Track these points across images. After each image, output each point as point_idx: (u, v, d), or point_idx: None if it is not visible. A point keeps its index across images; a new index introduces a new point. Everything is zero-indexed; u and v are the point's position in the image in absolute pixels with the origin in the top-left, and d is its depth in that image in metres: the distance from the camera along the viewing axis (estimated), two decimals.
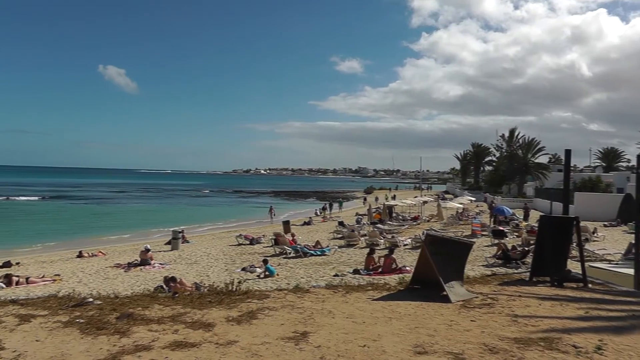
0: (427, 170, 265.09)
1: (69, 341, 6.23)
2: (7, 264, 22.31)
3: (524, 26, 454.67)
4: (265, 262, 18.60)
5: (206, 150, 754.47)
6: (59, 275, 19.61)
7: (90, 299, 8.71)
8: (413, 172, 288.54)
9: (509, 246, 19.92)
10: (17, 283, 17.59)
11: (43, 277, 18.99)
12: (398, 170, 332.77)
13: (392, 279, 12.29)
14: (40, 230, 40.62)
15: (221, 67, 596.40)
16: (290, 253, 23.03)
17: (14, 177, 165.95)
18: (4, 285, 17.22)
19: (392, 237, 26.61)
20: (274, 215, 47.45)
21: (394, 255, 18.24)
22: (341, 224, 34.40)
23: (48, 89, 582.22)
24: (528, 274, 11.48)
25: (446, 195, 75.99)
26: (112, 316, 7.42)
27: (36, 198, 78.80)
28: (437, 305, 8.26)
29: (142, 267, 21.18)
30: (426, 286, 9.49)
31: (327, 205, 54.94)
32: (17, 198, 76.99)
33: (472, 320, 7.23)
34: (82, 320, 7.15)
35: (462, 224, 34.77)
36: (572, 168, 23.83)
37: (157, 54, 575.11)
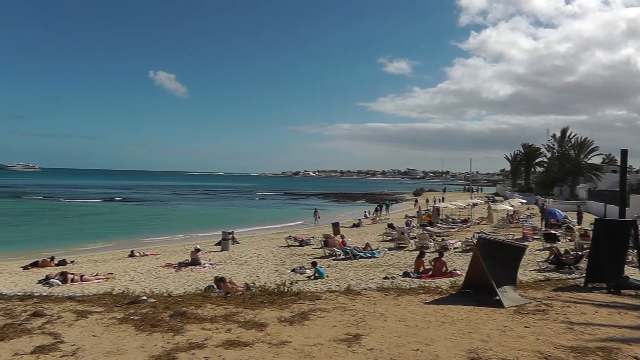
0: (477, 172, 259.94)
1: (124, 337, 6.42)
2: (63, 262, 23.00)
3: (576, 21, 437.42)
4: (314, 264, 18.57)
5: (256, 153, 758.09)
6: (111, 273, 19.98)
7: (144, 297, 8.91)
8: (462, 173, 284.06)
9: (562, 250, 19.30)
10: (72, 280, 18.00)
11: (97, 275, 19.39)
12: (447, 172, 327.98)
13: (443, 283, 12.08)
14: (94, 230, 41.81)
15: (269, 69, 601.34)
16: (339, 255, 22.91)
17: (70, 179, 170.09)
18: (59, 283, 17.66)
19: (442, 239, 26.20)
20: (319, 217, 47.14)
21: (443, 259, 17.94)
22: (390, 226, 34.07)
23: (100, 95, 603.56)
24: (583, 279, 11.12)
25: (496, 198, 74.27)
26: (165, 314, 7.58)
27: (98, 200, 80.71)
28: (489, 310, 8.11)
29: (192, 267, 21.24)
30: (478, 290, 9.32)
31: (379, 207, 54.64)
32: (75, 200, 79.09)
33: (526, 327, 7.06)
34: (136, 318, 7.36)
35: (513, 227, 33.89)
36: (627, 169, 22.91)
37: (206, 59, 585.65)
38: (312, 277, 17.53)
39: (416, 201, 73.41)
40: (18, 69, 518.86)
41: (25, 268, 21.97)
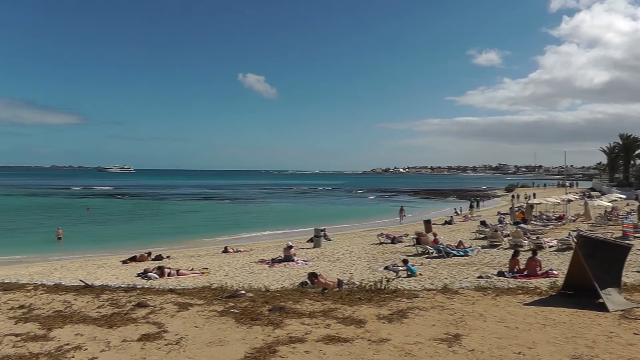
0: (571, 166, 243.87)
1: (225, 329, 6.66)
2: (159, 257, 24.08)
3: None
4: (405, 262, 18.26)
5: (347, 150, 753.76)
6: (206, 268, 20.48)
7: (243, 292, 9.15)
8: (556, 167, 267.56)
9: None
10: (169, 275, 18.70)
11: (192, 269, 20.02)
12: (540, 166, 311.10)
13: (541, 283, 11.51)
14: (188, 227, 43.38)
15: (356, 67, 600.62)
16: (432, 253, 22.46)
17: (164, 180, 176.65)
18: (157, 276, 18.40)
19: (537, 238, 24.94)
20: (405, 215, 45.88)
21: (538, 257, 17.05)
22: (483, 223, 32.98)
23: (193, 98, 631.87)
24: None
25: (592, 193, 69.63)
26: (264, 308, 7.75)
27: (192, 199, 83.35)
28: (593, 313, 7.62)
29: (285, 263, 21.41)
30: (579, 292, 8.79)
31: (473, 204, 53.08)
32: (169, 199, 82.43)
33: (635, 334, 6.56)
34: (236, 311, 7.58)
35: (612, 225, 31.54)
36: None
37: (293, 59, 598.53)
38: (405, 275, 17.32)
39: (513, 197, 70.37)
40: (119, 76, 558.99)
41: (124, 262, 23.22)
